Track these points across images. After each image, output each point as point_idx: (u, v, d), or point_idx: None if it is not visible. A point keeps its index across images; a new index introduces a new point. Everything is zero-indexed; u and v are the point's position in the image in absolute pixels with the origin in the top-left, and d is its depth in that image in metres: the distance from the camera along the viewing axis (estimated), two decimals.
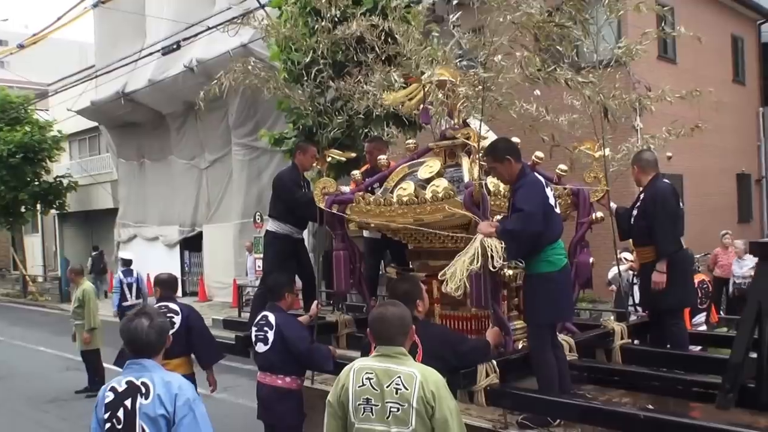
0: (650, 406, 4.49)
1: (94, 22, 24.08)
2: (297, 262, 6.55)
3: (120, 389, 3.19)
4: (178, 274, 21.26)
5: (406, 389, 3.08)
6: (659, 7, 6.30)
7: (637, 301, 6.88)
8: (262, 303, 6.17)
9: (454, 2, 12.01)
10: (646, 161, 5.88)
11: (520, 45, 5.01)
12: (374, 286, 6.70)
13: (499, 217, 4.81)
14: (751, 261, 11.72)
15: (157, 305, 6.27)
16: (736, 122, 18.91)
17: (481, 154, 4.84)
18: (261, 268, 17.51)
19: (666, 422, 3.75)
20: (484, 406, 4.47)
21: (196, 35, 15.84)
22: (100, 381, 10.19)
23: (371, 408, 3.11)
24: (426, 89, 5.59)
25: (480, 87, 4.82)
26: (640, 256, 5.86)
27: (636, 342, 5.81)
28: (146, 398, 3.13)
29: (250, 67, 5.80)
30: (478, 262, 4.28)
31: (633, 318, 6.30)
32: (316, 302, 6.14)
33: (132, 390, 3.17)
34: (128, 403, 3.14)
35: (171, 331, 5.98)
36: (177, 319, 6.19)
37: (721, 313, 11.08)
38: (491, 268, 4.32)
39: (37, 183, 25.95)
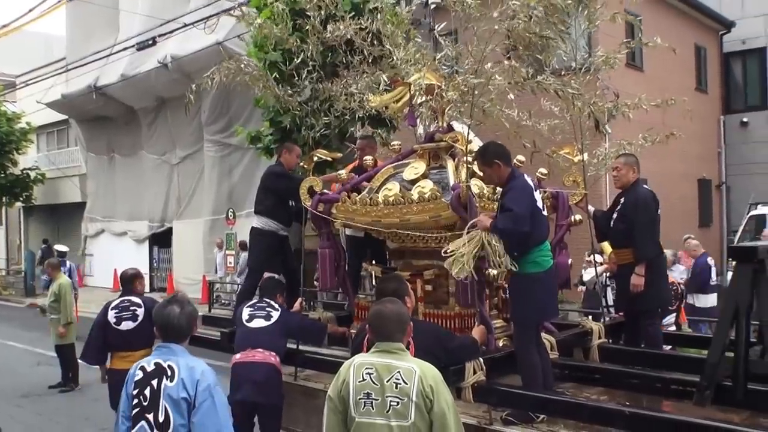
0: (628, 403, 4.67)
1: (66, 15, 23.72)
2: (282, 258, 6.63)
3: (149, 369, 3.39)
4: (146, 269, 21.15)
5: (406, 384, 3.18)
6: (633, 17, 6.52)
7: (610, 302, 7.05)
8: (249, 298, 6.24)
9: (432, 6, 12.20)
10: (637, 163, 6.05)
11: (515, 55, 5.16)
12: (357, 284, 6.80)
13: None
14: (678, 273, 11.80)
15: (119, 299, 6.34)
16: (698, 129, 19.27)
17: (468, 157, 4.96)
18: (232, 264, 17.59)
19: (649, 418, 3.91)
20: (469, 403, 4.60)
21: (171, 32, 15.78)
22: (73, 376, 10.15)
23: (371, 402, 3.20)
24: (412, 92, 5.69)
25: (467, 91, 4.94)
26: (618, 257, 5.99)
27: (610, 341, 5.98)
28: (171, 381, 3.33)
29: (243, 66, 5.87)
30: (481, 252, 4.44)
31: (606, 319, 6.47)
32: (299, 300, 6.23)
33: (159, 371, 3.37)
34: (154, 383, 3.34)
35: (135, 324, 6.15)
36: (140, 312, 6.24)
37: None
38: (497, 265, 4.46)
39: (3, 175, 25.50)
